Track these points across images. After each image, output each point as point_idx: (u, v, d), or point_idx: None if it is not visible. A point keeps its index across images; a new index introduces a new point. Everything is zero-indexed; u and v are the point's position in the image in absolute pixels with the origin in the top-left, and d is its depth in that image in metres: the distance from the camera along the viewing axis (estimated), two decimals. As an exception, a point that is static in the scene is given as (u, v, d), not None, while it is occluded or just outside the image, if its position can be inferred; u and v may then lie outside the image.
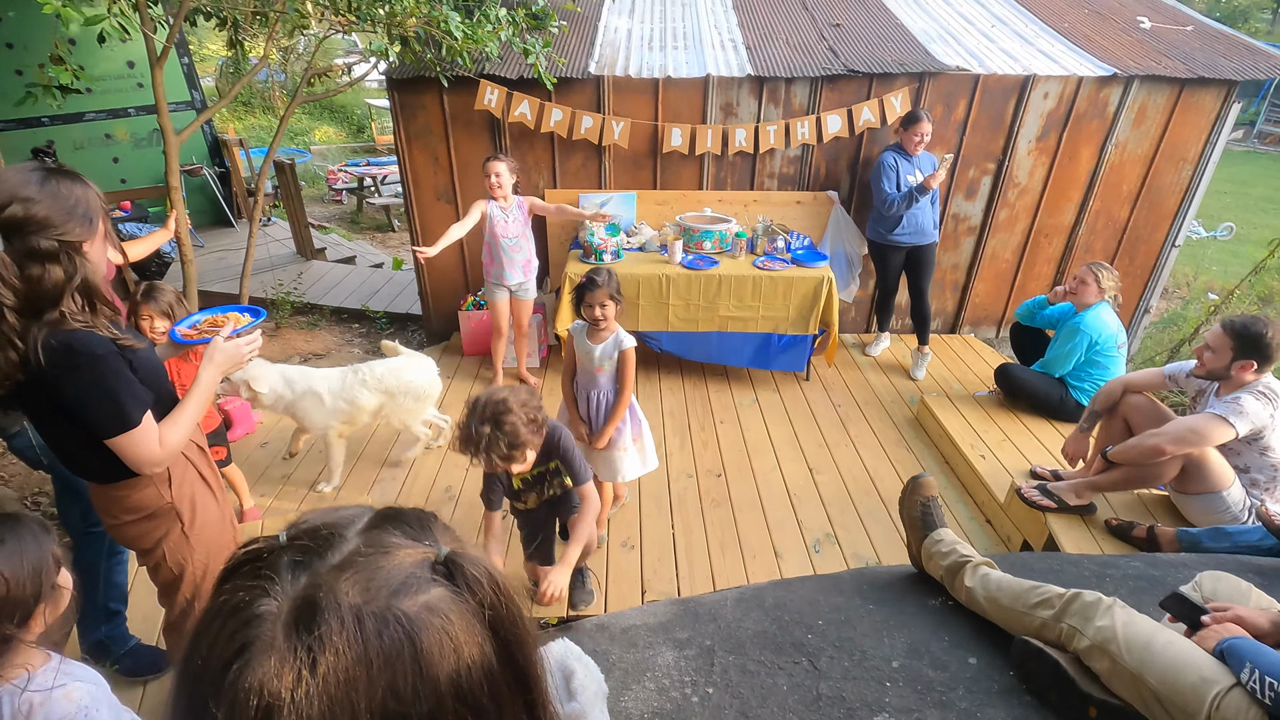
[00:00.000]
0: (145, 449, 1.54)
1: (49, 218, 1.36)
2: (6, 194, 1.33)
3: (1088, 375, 3.57)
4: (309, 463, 3.63)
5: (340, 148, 13.89)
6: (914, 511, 2.18)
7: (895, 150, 4.07)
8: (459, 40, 3.48)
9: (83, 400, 1.45)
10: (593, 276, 2.56)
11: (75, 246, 1.41)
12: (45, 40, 6.01)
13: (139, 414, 1.52)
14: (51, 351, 1.39)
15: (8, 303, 1.34)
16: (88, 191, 1.46)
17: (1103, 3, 5.42)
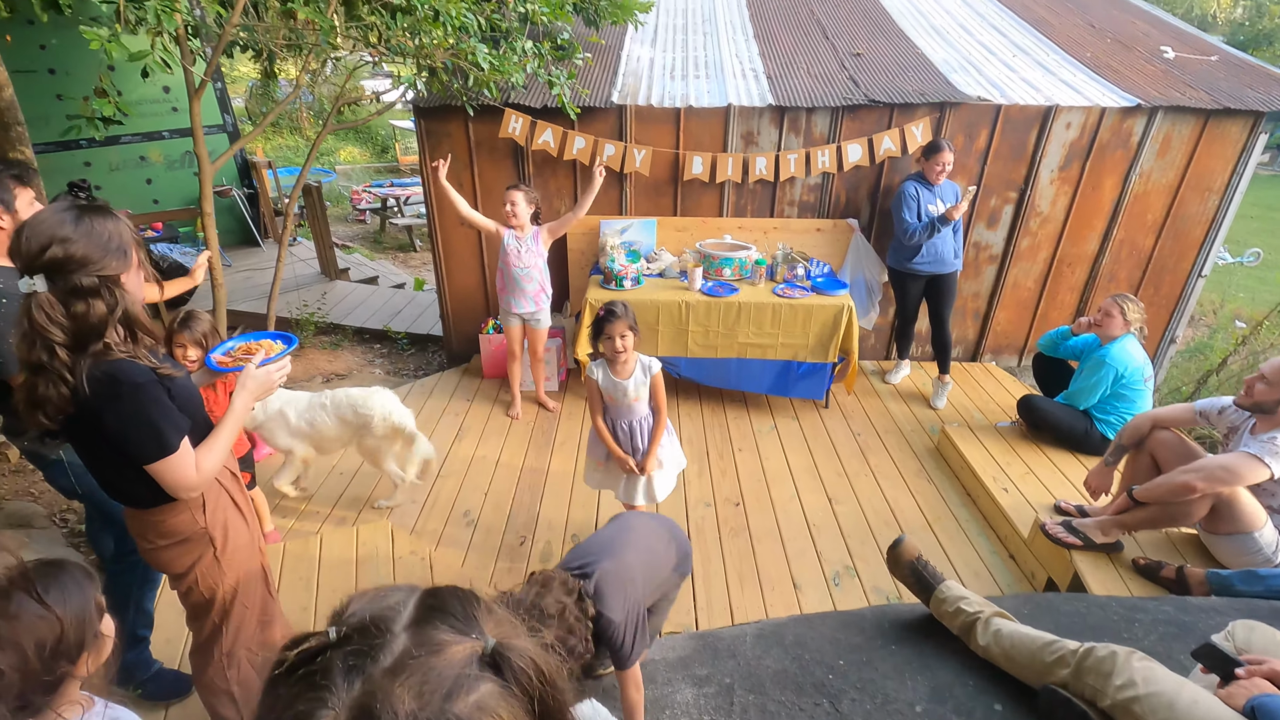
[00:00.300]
0: (182, 474, 1.59)
1: (87, 255, 1.42)
2: (45, 236, 1.39)
3: (1113, 409, 3.52)
4: (329, 485, 3.67)
5: (364, 168, 14.15)
6: (907, 578, 2.18)
7: (917, 179, 4.08)
8: (486, 71, 3.55)
9: (124, 427, 1.50)
10: (610, 308, 2.58)
11: (114, 280, 1.47)
12: (86, 66, 6.25)
13: (177, 440, 1.57)
14: (96, 382, 1.44)
15: (57, 340, 1.40)
16: (119, 225, 1.51)
17: (1125, 32, 5.42)
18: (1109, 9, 5.97)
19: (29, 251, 1.39)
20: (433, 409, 4.44)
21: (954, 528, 3.41)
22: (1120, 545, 2.79)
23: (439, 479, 3.75)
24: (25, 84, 5.15)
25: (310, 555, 3.02)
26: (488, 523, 3.42)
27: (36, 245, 1.38)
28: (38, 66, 6.00)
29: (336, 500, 3.55)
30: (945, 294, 4.31)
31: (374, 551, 3.07)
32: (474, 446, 4.04)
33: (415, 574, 2.93)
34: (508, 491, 3.66)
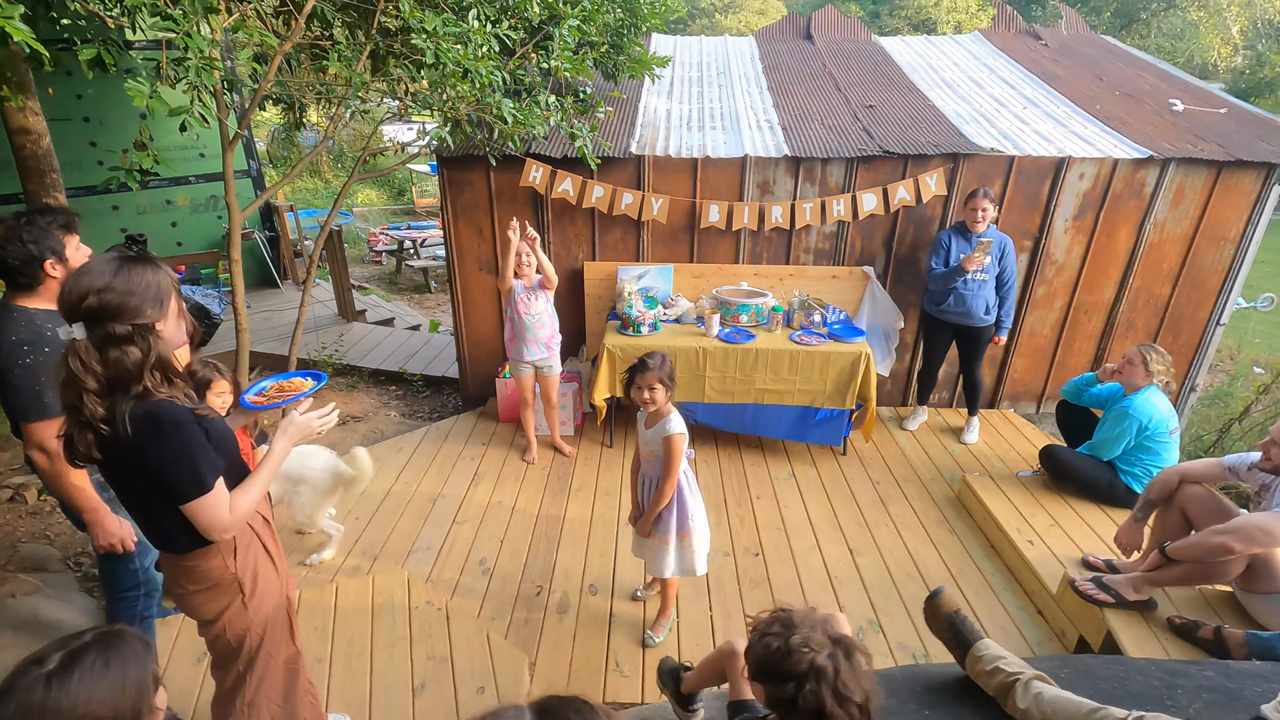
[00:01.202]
0: (216, 514, 1.61)
1: (123, 304, 1.47)
2: (84, 287, 1.45)
3: (1138, 460, 3.47)
4: (345, 531, 3.64)
5: (381, 210, 14.42)
6: (943, 631, 2.12)
7: (956, 229, 4.13)
8: (510, 125, 3.64)
9: (163, 465, 1.54)
10: (645, 359, 2.55)
11: (149, 328, 1.52)
12: (120, 114, 6.46)
13: (213, 480, 1.61)
14: (138, 421, 1.49)
15: (89, 386, 1.45)
16: (159, 275, 1.57)
17: (1133, 85, 5.52)
18: (1116, 63, 6.10)
19: (69, 301, 1.45)
20: (448, 453, 4.43)
21: (979, 581, 3.34)
22: (1154, 603, 2.72)
23: (454, 525, 3.72)
24: (60, 131, 5.32)
25: (326, 604, 2.99)
26: (504, 571, 3.38)
27: (76, 295, 1.45)
28: (73, 115, 6.20)
29: (351, 546, 3.52)
30: (971, 345, 4.34)
31: (389, 600, 3.03)
32: (490, 492, 4.02)
33: (432, 626, 2.88)
34: (524, 539, 3.62)
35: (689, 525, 2.72)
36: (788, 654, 1.34)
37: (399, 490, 4.02)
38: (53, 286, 2.13)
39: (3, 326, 2.05)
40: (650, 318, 4.21)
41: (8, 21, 1.88)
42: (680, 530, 2.72)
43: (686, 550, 2.74)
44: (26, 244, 2.04)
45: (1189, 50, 21.88)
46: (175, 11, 2.54)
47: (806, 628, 1.37)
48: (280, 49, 3.00)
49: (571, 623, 3.05)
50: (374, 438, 4.87)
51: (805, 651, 1.33)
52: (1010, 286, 4.19)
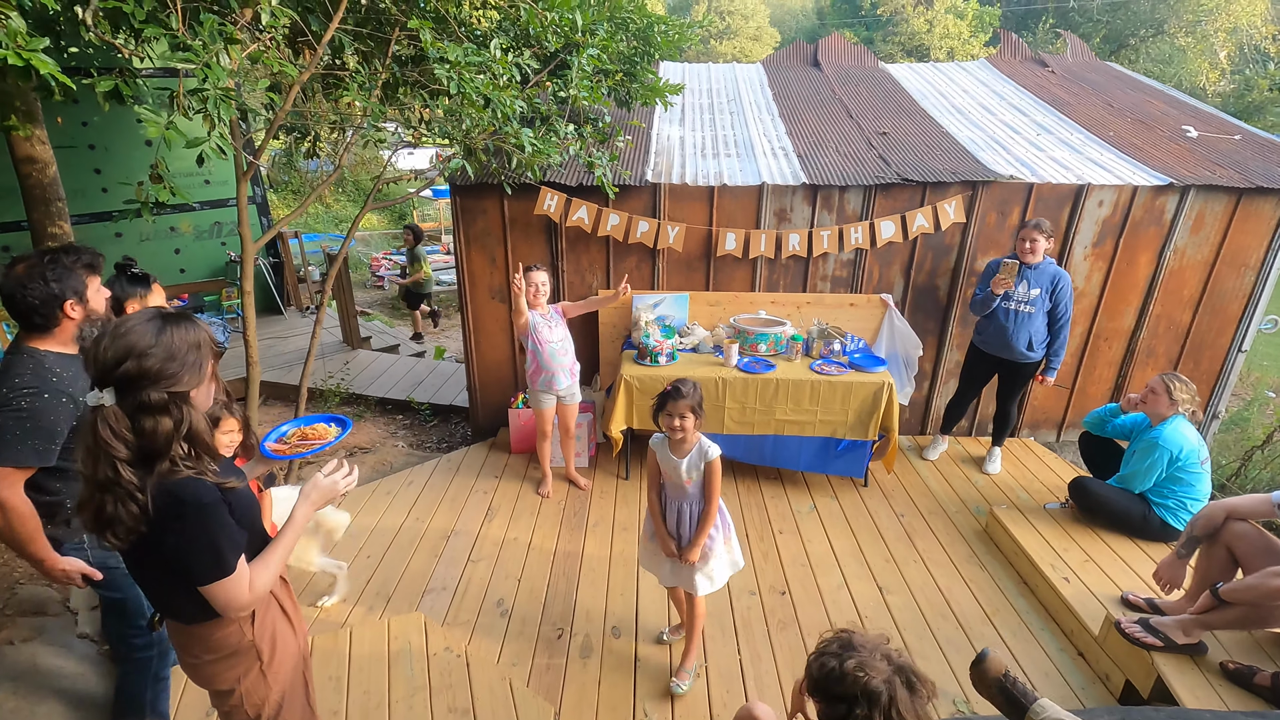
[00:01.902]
0: (236, 595, 1.51)
1: (161, 370, 1.36)
2: (123, 349, 1.34)
3: (1171, 492, 3.38)
4: (355, 572, 3.52)
5: (383, 234, 14.40)
6: (994, 697, 2.01)
7: (1010, 257, 4.06)
8: (529, 154, 3.59)
9: (184, 550, 1.43)
10: (678, 386, 2.51)
11: (184, 396, 1.41)
12: (125, 141, 6.41)
13: (234, 561, 1.50)
14: (161, 501, 1.38)
15: (120, 455, 1.33)
16: (199, 334, 1.46)
17: (1144, 111, 5.53)
18: (1124, 89, 6.12)
19: (103, 363, 1.33)
20: (460, 486, 4.32)
21: (1015, 621, 3.23)
22: (1204, 647, 2.62)
23: (470, 563, 3.60)
24: (66, 158, 5.27)
25: (340, 651, 2.86)
26: (522, 612, 3.26)
27: (112, 358, 1.33)
28: (79, 142, 6.16)
29: (364, 588, 3.39)
30: (1010, 380, 4.27)
31: (406, 646, 2.91)
32: (505, 527, 3.91)
33: (451, 674, 2.76)
34: (542, 577, 3.50)
35: (729, 527, 2.78)
36: (841, 676, 1.35)
37: (411, 526, 3.90)
38: (68, 328, 2.04)
39: (10, 368, 1.95)
40: (668, 347, 4.14)
41: (33, 55, 1.82)
42: (725, 535, 2.74)
43: (733, 548, 2.78)
44: (49, 283, 1.94)
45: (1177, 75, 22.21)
46: (195, 43, 2.49)
47: (866, 651, 1.39)
48: (299, 79, 2.95)
49: (596, 668, 2.93)
50: (382, 470, 4.76)
51: (860, 675, 1.33)
52: (1063, 324, 4.01)
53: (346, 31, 3.45)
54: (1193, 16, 21.29)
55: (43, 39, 1.91)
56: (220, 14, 2.79)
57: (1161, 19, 22.04)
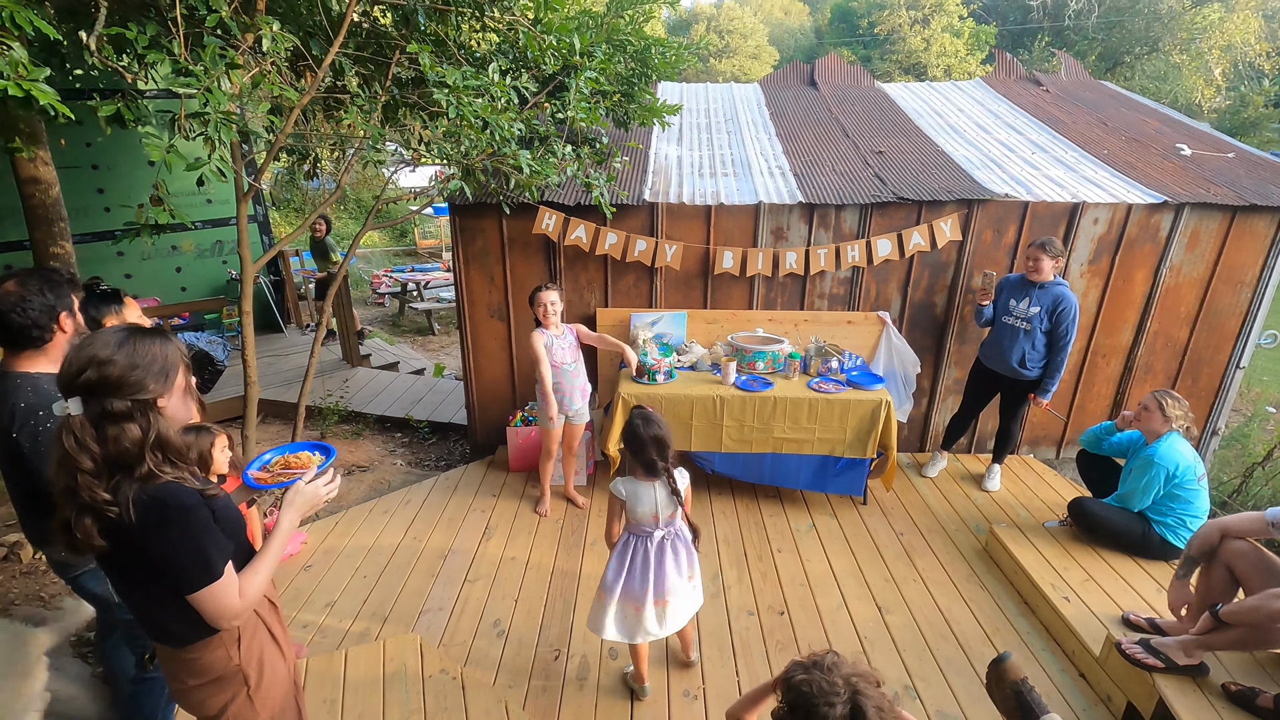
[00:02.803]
0: (226, 602, 1.50)
1: (122, 378, 1.37)
2: (85, 359, 1.36)
3: (1169, 510, 3.37)
4: (352, 592, 3.50)
5: (383, 251, 14.47)
6: (1006, 700, 2.00)
7: (1020, 274, 4.10)
8: (527, 175, 3.62)
9: (170, 554, 1.43)
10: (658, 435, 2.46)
11: (150, 404, 1.42)
12: (127, 161, 6.47)
13: (222, 565, 1.50)
14: (143, 507, 1.38)
15: (84, 466, 1.34)
16: (167, 347, 1.47)
17: (1138, 130, 5.57)
18: (1118, 108, 6.18)
19: (67, 373, 1.36)
20: (458, 505, 4.30)
21: (1015, 641, 3.20)
22: (1206, 668, 2.59)
23: (466, 583, 3.58)
24: (69, 178, 5.31)
25: (335, 674, 2.84)
26: (519, 634, 3.23)
27: (75, 367, 1.36)
28: (81, 162, 6.22)
29: (359, 609, 3.37)
30: (1007, 397, 4.29)
31: (401, 669, 2.88)
32: (502, 546, 3.89)
33: (447, 698, 2.73)
34: (539, 598, 3.48)
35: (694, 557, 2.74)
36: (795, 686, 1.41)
37: (408, 545, 3.89)
38: (61, 343, 2.06)
39: (8, 394, 1.96)
40: (665, 365, 4.14)
41: (33, 85, 1.85)
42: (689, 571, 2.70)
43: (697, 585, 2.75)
44: (46, 296, 1.98)
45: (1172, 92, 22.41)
46: (197, 68, 2.52)
47: (827, 671, 1.41)
48: (299, 102, 2.98)
49: (592, 690, 2.90)
50: (380, 489, 4.75)
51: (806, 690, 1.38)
52: (1061, 347, 3.95)
53: (347, 55, 3.50)
54: (1187, 34, 21.51)
55: (44, 69, 1.94)
56: (222, 39, 2.84)
57: (1156, 37, 22.28)
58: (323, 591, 3.49)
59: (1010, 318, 4.05)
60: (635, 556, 2.58)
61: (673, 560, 2.61)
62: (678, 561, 2.63)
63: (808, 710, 1.36)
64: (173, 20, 2.68)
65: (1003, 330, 4.09)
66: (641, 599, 2.57)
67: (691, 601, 2.72)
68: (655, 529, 2.55)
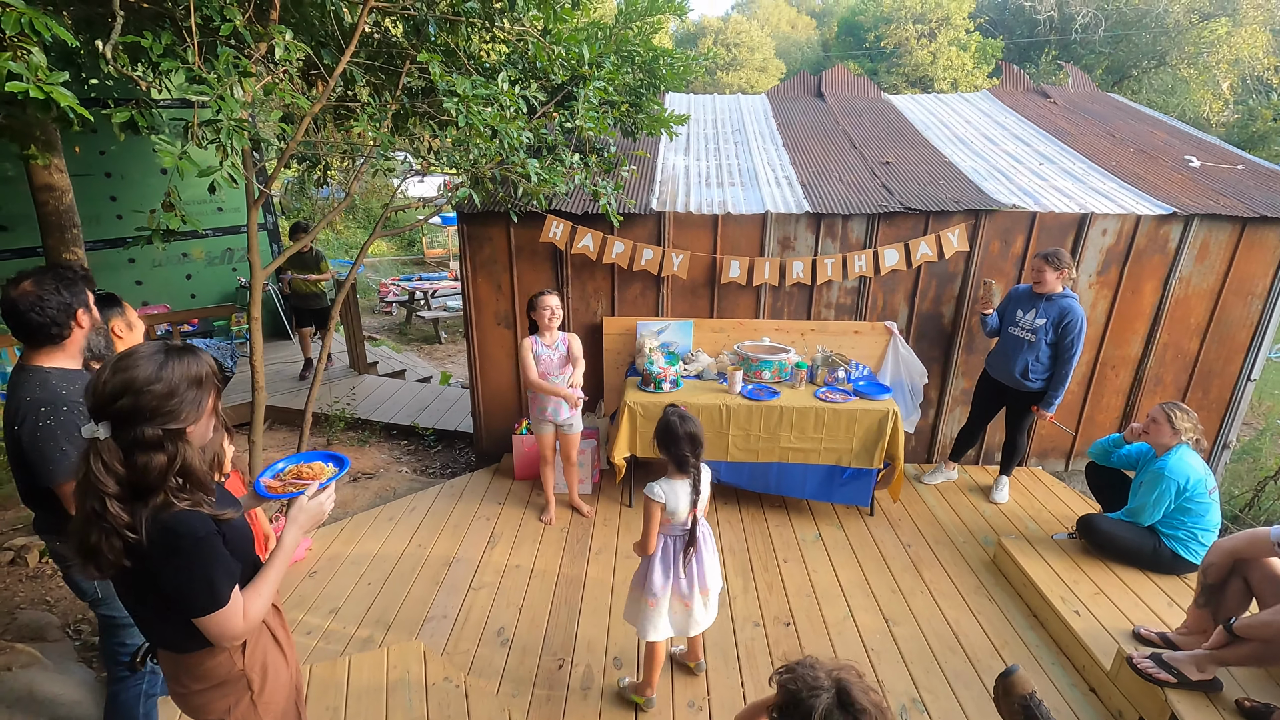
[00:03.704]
0: (230, 625, 1.50)
1: (158, 407, 1.36)
2: (122, 384, 1.34)
3: (1180, 523, 3.33)
4: (356, 598, 3.50)
5: (391, 260, 14.55)
6: (1015, 717, 1.97)
7: (1028, 285, 4.09)
8: (535, 183, 3.64)
9: (178, 583, 1.43)
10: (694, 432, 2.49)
11: (180, 433, 1.40)
12: (140, 169, 6.54)
13: (228, 592, 1.49)
14: (157, 534, 1.38)
15: (108, 490, 1.33)
16: (201, 367, 1.45)
17: (1147, 142, 5.57)
18: (1126, 120, 6.18)
19: (101, 394, 1.33)
20: (463, 512, 4.30)
21: (1024, 655, 3.17)
22: (1219, 684, 2.55)
23: (471, 590, 3.57)
24: (81, 186, 5.37)
25: (338, 681, 2.83)
26: (523, 642, 3.21)
27: (110, 391, 1.33)
28: (95, 170, 6.29)
29: (363, 616, 3.36)
30: (1013, 409, 4.26)
31: (405, 676, 2.87)
32: (507, 554, 3.88)
33: (450, 706, 2.72)
34: (543, 606, 3.46)
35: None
36: (783, 685, 1.44)
37: (412, 553, 3.88)
38: (78, 339, 2.09)
39: (19, 387, 1.99)
40: (671, 374, 4.14)
41: (53, 88, 1.87)
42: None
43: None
44: (62, 293, 2.00)
45: (1180, 105, 22.40)
46: (210, 76, 2.55)
47: (811, 669, 1.43)
48: (310, 110, 3.01)
49: (596, 700, 2.88)
50: (386, 496, 4.75)
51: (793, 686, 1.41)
52: (1066, 360, 3.90)
53: (358, 64, 3.54)
54: (1194, 48, 21.52)
55: (62, 73, 1.97)
56: (236, 48, 2.87)
57: (1164, 51, 22.30)
58: (327, 598, 3.49)
59: (1016, 329, 4.04)
60: (677, 558, 2.60)
61: (706, 549, 2.65)
62: (709, 548, 2.68)
63: (796, 705, 1.38)
64: (187, 29, 2.72)
65: (1009, 341, 4.08)
66: (690, 595, 2.62)
67: (719, 581, 2.75)
68: (690, 528, 2.58)
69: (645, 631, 2.65)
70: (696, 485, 2.51)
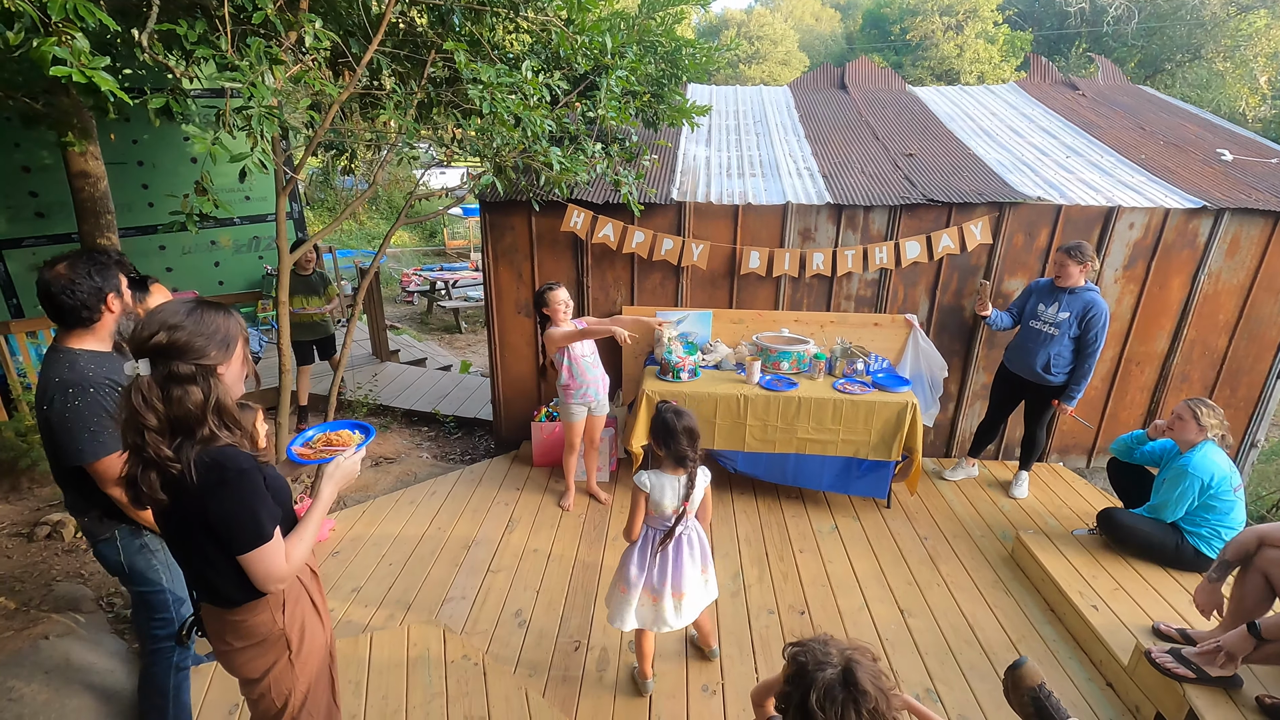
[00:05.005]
0: (274, 564, 1.57)
1: (189, 343, 1.46)
2: (157, 324, 1.45)
3: (1204, 520, 3.29)
4: (377, 578, 3.57)
5: (413, 251, 14.70)
6: (1025, 708, 1.97)
7: (1050, 278, 4.05)
8: (557, 172, 3.67)
9: (225, 515, 1.50)
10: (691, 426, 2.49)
11: (211, 370, 1.50)
12: (171, 158, 6.68)
13: (271, 529, 1.57)
14: (204, 468, 1.46)
15: (149, 424, 1.43)
16: (229, 321, 1.57)
17: (1177, 135, 5.46)
18: (1157, 112, 6.06)
19: (139, 336, 1.45)
20: (482, 497, 4.36)
21: (1041, 649, 3.15)
22: (1239, 680, 2.53)
23: (489, 573, 3.63)
24: (116, 174, 5.50)
25: (360, 656, 2.90)
26: (540, 624, 3.27)
27: (147, 332, 1.44)
28: (128, 159, 6.43)
29: (384, 595, 3.43)
30: (1032, 403, 4.22)
31: (425, 654, 2.94)
32: (525, 538, 3.94)
33: (469, 683, 2.78)
34: (560, 590, 3.51)
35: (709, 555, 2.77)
36: (791, 658, 1.46)
37: (433, 535, 3.95)
38: (109, 323, 2.14)
39: (49, 368, 2.04)
40: (690, 364, 4.16)
41: (95, 73, 1.94)
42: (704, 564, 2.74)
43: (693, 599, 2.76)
44: (94, 278, 2.06)
45: (1215, 100, 21.85)
46: (243, 64, 2.61)
47: (823, 645, 1.45)
48: (338, 98, 3.07)
49: (611, 682, 2.92)
50: (407, 480, 4.83)
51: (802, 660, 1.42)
52: (1089, 354, 3.87)
53: (385, 53, 3.58)
54: (1231, 41, 20.96)
55: (103, 58, 2.03)
56: (266, 37, 2.93)
57: (1198, 44, 21.74)
58: (349, 578, 3.56)
59: (1038, 322, 4.00)
60: (655, 551, 2.60)
61: (689, 554, 2.63)
62: (693, 556, 2.65)
63: (802, 676, 1.38)
64: (220, 18, 2.79)
65: (1029, 335, 4.04)
66: (660, 591, 2.60)
67: (706, 593, 2.73)
68: (672, 524, 2.57)
69: (613, 618, 2.69)
70: (691, 481, 2.50)
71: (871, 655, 1.45)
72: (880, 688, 1.37)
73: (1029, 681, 1.95)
